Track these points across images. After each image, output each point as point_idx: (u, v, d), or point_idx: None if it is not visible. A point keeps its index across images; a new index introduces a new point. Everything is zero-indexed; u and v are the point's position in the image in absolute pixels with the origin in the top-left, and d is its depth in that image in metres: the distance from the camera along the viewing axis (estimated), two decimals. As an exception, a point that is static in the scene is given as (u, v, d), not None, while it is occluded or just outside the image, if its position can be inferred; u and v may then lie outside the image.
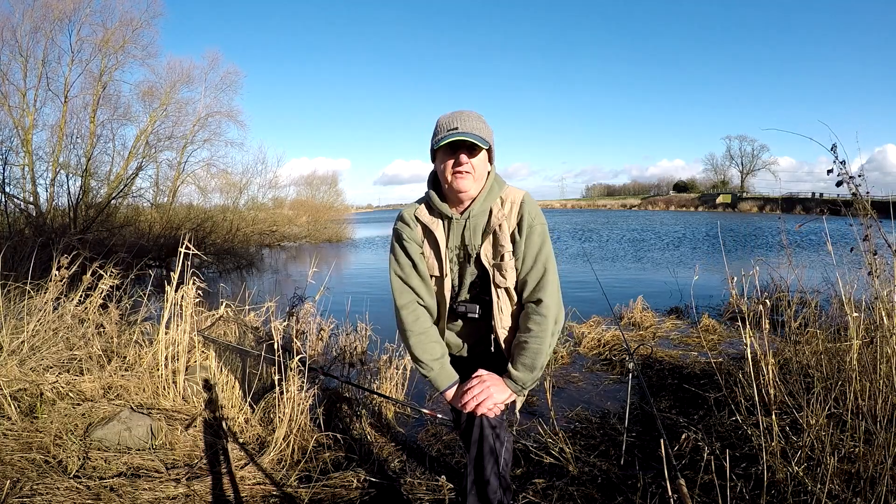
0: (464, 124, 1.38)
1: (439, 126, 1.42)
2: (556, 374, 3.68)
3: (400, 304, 1.50)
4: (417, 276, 1.50)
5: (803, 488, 1.72)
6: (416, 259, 1.49)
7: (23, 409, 2.48)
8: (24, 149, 13.72)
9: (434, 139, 1.42)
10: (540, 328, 1.41)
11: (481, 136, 1.38)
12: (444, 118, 1.43)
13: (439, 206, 1.46)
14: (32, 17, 14.41)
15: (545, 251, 1.45)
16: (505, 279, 1.45)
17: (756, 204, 54.31)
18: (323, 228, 23.27)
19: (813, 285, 3.42)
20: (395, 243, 1.53)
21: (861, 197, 1.97)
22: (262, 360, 2.72)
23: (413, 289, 1.50)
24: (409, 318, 1.48)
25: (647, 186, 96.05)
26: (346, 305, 3.94)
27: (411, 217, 1.50)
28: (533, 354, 1.40)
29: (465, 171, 1.38)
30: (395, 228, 1.53)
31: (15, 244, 6.46)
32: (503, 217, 1.44)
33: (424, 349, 1.48)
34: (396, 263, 1.51)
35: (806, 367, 2.49)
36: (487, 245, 1.46)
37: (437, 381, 1.49)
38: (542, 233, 1.46)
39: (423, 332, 1.49)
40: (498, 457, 1.43)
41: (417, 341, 1.48)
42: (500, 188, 1.48)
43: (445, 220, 1.48)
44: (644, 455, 2.33)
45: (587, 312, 5.16)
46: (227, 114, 19.35)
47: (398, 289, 1.51)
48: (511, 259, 1.45)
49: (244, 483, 2.12)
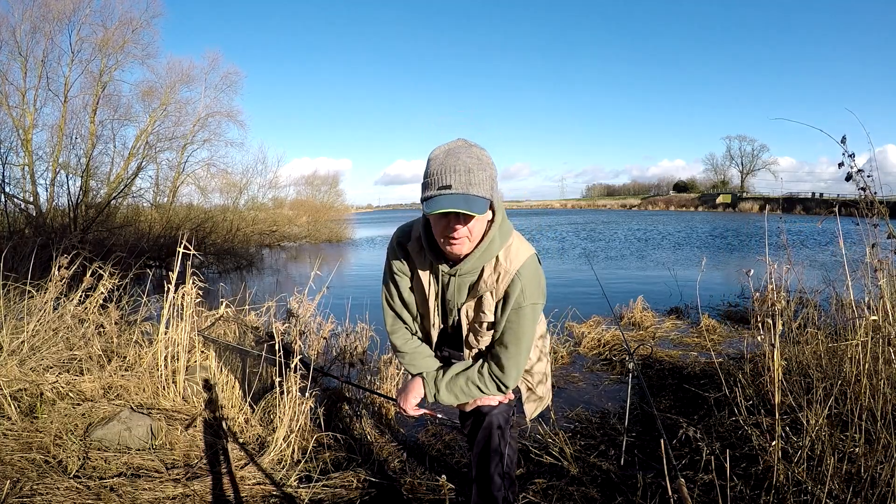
0: (458, 179, 1.12)
1: (429, 176, 1.16)
2: (557, 374, 3.68)
3: (389, 328, 1.52)
4: (405, 307, 1.49)
5: (803, 488, 1.72)
6: (405, 294, 1.46)
7: (23, 409, 2.48)
8: (24, 149, 13.72)
9: (424, 192, 1.17)
10: (485, 385, 1.37)
11: (478, 194, 1.14)
12: (435, 165, 1.16)
13: (430, 255, 1.33)
14: (31, 17, 14.41)
15: (526, 331, 1.31)
16: (478, 343, 1.42)
17: (756, 204, 54.32)
18: (323, 228, 23.27)
19: (813, 285, 3.42)
20: (385, 272, 1.49)
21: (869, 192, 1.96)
22: (263, 360, 2.71)
23: (401, 318, 1.51)
24: (399, 342, 1.51)
25: (647, 186, 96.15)
26: (347, 305, 3.94)
27: (403, 249, 1.41)
28: (461, 387, 1.39)
29: (460, 237, 1.20)
30: (388, 255, 1.46)
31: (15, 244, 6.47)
32: (492, 285, 1.29)
33: (419, 366, 1.49)
34: (387, 291, 1.50)
35: (806, 367, 2.49)
36: (470, 305, 1.36)
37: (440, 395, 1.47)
38: (530, 313, 1.30)
39: (414, 351, 1.50)
40: (503, 455, 1.44)
41: (411, 359, 1.50)
42: (501, 242, 1.28)
43: (433, 269, 1.37)
44: (644, 455, 2.33)
45: (587, 312, 5.16)
46: (227, 114, 19.36)
47: (388, 314, 1.52)
48: (489, 331, 1.37)
49: (244, 483, 2.12)
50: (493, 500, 1.43)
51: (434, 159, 1.18)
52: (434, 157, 1.19)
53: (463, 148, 1.19)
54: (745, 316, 5.01)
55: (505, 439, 1.45)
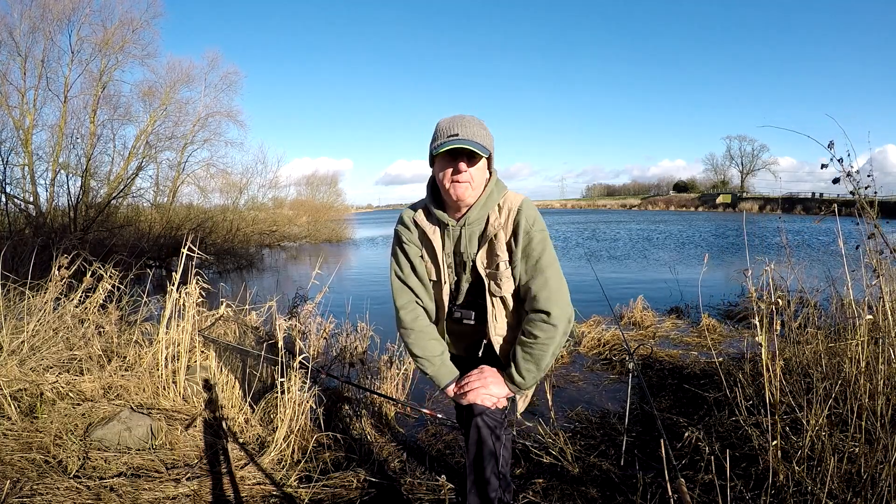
0: (464, 130, 1.35)
1: (439, 131, 1.39)
2: (557, 373, 3.68)
3: (399, 304, 1.52)
4: (416, 278, 1.52)
5: (803, 488, 1.72)
6: (415, 262, 1.51)
7: (23, 409, 2.48)
8: (24, 149, 13.72)
9: (433, 144, 1.40)
10: (547, 336, 1.38)
11: (482, 143, 1.35)
12: (444, 123, 1.39)
13: (436, 212, 1.46)
14: (31, 17, 14.42)
15: (546, 257, 1.41)
16: (500, 288, 1.45)
17: (756, 204, 54.33)
18: (323, 228, 23.28)
19: (813, 285, 3.42)
20: (395, 245, 1.54)
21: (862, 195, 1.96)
22: (263, 360, 2.71)
23: (412, 289, 1.52)
24: (408, 318, 1.51)
25: (647, 186, 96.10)
26: (347, 305, 3.94)
27: (410, 220, 1.51)
28: (537, 360, 1.39)
29: (464, 179, 1.37)
30: (396, 231, 1.55)
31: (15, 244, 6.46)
32: (500, 226, 1.42)
33: (424, 346, 1.51)
34: (396, 265, 1.53)
35: (806, 367, 2.49)
36: (483, 253, 1.44)
37: (438, 378, 1.51)
38: (542, 240, 1.41)
39: (421, 331, 1.51)
40: (497, 456, 1.44)
41: (416, 339, 1.50)
42: (498, 194, 1.45)
43: (442, 226, 1.47)
44: (644, 455, 2.33)
45: (587, 312, 5.16)
46: (227, 114, 19.38)
47: (397, 289, 1.53)
48: (507, 269, 1.43)
49: (244, 483, 2.12)
50: (489, 501, 1.43)
51: (442, 121, 1.41)
52: (442, 121, 1.41)
53: (467, 116, 1.41)
54: (746, 315, 5.01)
55: (500, 440, 1.44)
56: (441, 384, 1.51)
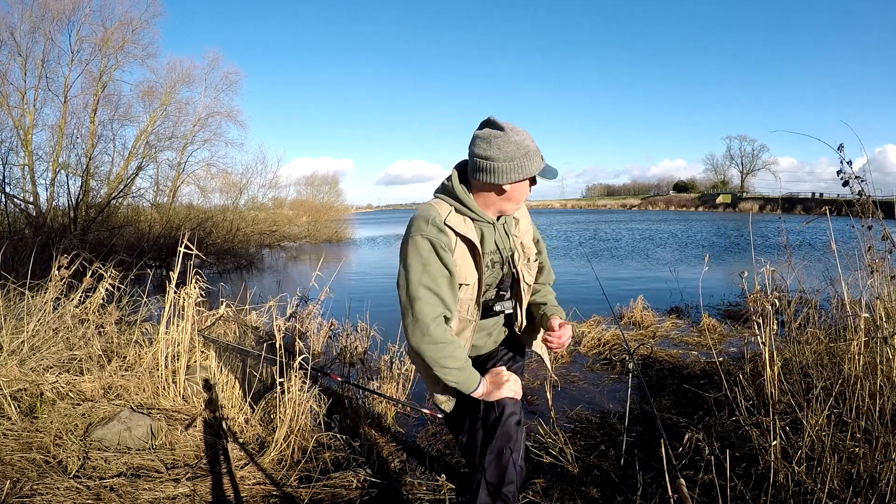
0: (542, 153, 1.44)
1: (527, 148, 1.39)
2: (557, 373, 3.68)
3: (429, 317, 1.36)
4: (449, 288, 1.40)
5: (803, 488, 1.72)
6: (452, 269, 1.39)
7: (23, 409, 2.48)
8: (24, 149, 13.72)
9: (533, 165, 1.41)
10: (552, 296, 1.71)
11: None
12: (526, 139, 1.40)
13: (482, 214, 1.46)
14: (31, 17, 14.42)
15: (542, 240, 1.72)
16: (531, 276, 1.61)
17: (756, 204, 54.35)
18: (323, 228, 23.29)
19: (812, 285, 3.42)
20: (425, 253, 1.37)
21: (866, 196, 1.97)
22: (263, 360, 2.71)
23: (443, 301, 1.39)
24: (439, 332, 1.37)
25: (647, 186, 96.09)
26: (347, 305, 3.94)
27: (443, 225, 1.38)
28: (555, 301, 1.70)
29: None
30: (426, 238, 1.37)
31: (15, 244, 6.47)
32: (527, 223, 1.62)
33: (455, 357, 1.40)
34: (426, 276, 1.36)
35: (806, 367, 2.49)
36: (519, 247, 1.58)
37: (469, 382, 1.43)
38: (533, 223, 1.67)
39: (453, 342, 1.41)
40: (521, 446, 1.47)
41: (451, 351, 1.39)
42: None
43: (480, 227, 1.47)
44: (644, 455, 2.33)
45: (587, 312, 5.16)
46: (227, 114, 19.36)
47: (426, 301, 1.36)
48: (536, 260, 1.63)
49: (244, 483, 2.12)
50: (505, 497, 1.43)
51: (517, 133, 1.39)
52: (514, 132, 1.39)
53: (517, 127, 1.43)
54: (746, 315, 5.01)
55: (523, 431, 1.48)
56: (470, 389, 1.44)
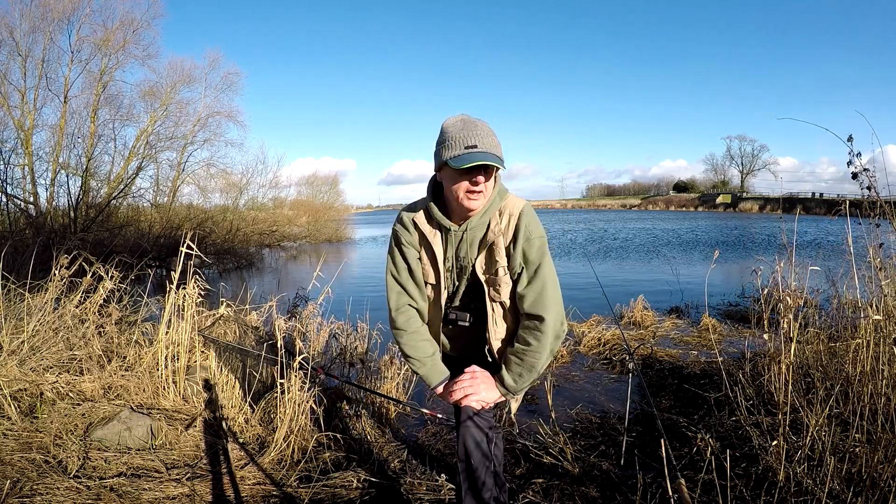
0: (482, 142, 1.30)
1: (452, 138, 1.32)
2: (557, 373, 3.68)
3: (393, 305, 1.52)
4: (412, 280, 1.50)
5: (803, 488, 1.72)
6: (413, 263, 1.49)
7: (23, 409, 2.48)
8: (24, 149, 13.72)
9: (448, 152, 1.32)
10: (539, 344, 1.39)
11: (500, 156, 1.33)
12: (457, 129, 1.33)
13: (439, 217, 1.43)
14: (31, 17, 14.43)
15: (544, 264, 1.41)
16: (499, 294, 1.45)
17: (756, 204, 54.32)
18: (323, 228, 23.26)
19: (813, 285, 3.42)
20: (393, 246, 1.52)
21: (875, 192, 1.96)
22: (263, 360, 2.71)
23: (407, 292, 1.51)
24: (401, 319, 1.51)
25: (647, 186, 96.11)
26: (347, 305, 3.94)
27: (410, 222, 1.47)
28: (529, 367, 1.41)
29: (479, 191, 1.34)
30: (394, 231, 1.51)
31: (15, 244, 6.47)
32: (500, 231, 1.41)
33: (416, 347, 1.52)
34: (393, 265, 1.51)
35: (806, 367, 2.49)
36: (482, 259, 1.44)
37: (429, 377, 1.52)
38: (541, 246, 1.41)
39: (414, 332, 1.52)
40: (490, 456, 1.45)
41: (409, 340, 1.51)
42: (500, 199, 1.43)
43: (444, 230, 1.45)
44: (644, 455, 2.33)
45: (587, 311, 5.16)
46: (227, 114, 19.39)
47: (392, 290, 1.52)
48: (505, 274, 1.43)
49: (244, 483, 2.12)
50: (484, 502, 1.43)
51: (452, 126, 1.35)
52: (452, 125, 1.35)
53: (475, 119, 1.37)
54: (746, 315, 5.01)
55: (492, 441, 1.46)
56: (431, 383, 1.52)
